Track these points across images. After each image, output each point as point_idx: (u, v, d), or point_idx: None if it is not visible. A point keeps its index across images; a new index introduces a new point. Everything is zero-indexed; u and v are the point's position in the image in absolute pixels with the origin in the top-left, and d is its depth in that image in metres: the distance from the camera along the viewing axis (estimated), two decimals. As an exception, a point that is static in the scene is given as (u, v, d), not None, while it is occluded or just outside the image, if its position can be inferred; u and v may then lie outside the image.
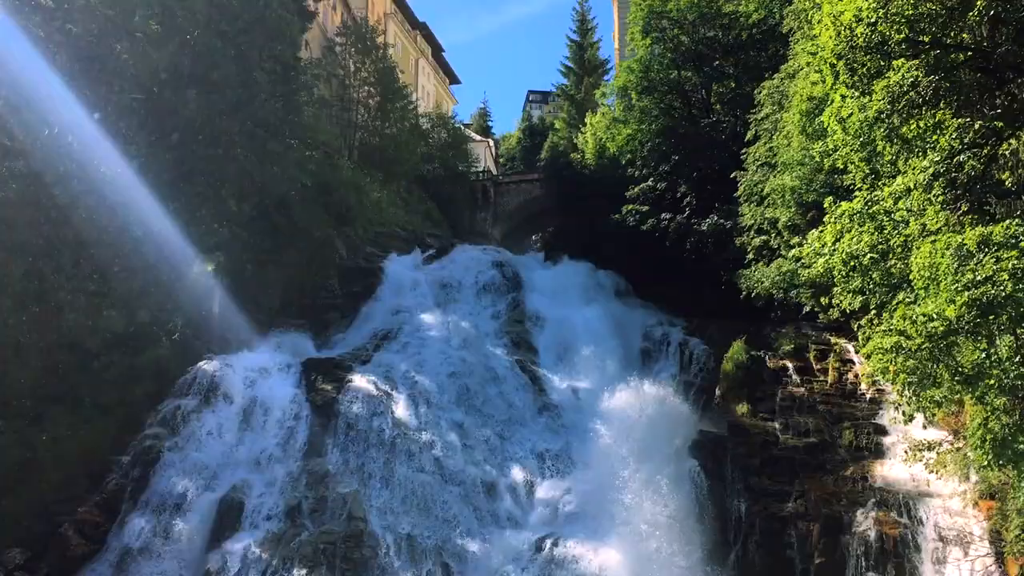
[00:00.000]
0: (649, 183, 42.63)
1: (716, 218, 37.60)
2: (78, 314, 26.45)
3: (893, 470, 24.25)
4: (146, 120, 30.31)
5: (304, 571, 22.48)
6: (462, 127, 74.34)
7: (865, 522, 22.92)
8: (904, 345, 15.96)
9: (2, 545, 23.23)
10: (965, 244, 15.41)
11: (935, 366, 15.85)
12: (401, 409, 28.52)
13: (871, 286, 19.55)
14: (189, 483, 24.99)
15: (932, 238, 16.59)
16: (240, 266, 33.28)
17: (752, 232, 33.88)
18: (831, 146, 20.60)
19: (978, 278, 14.98)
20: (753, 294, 31.82)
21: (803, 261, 24.37)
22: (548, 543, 24.44)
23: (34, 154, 25.70)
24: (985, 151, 16.90)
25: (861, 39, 16.57)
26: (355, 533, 23.80)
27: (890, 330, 16.44)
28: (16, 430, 24.91)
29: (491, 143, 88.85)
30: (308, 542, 23.43)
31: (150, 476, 25.15)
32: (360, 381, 29.21)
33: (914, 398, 16.63)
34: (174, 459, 25.53)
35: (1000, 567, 20.70)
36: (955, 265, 15.38)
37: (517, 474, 27.66)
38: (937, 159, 16.88)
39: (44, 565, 23.24)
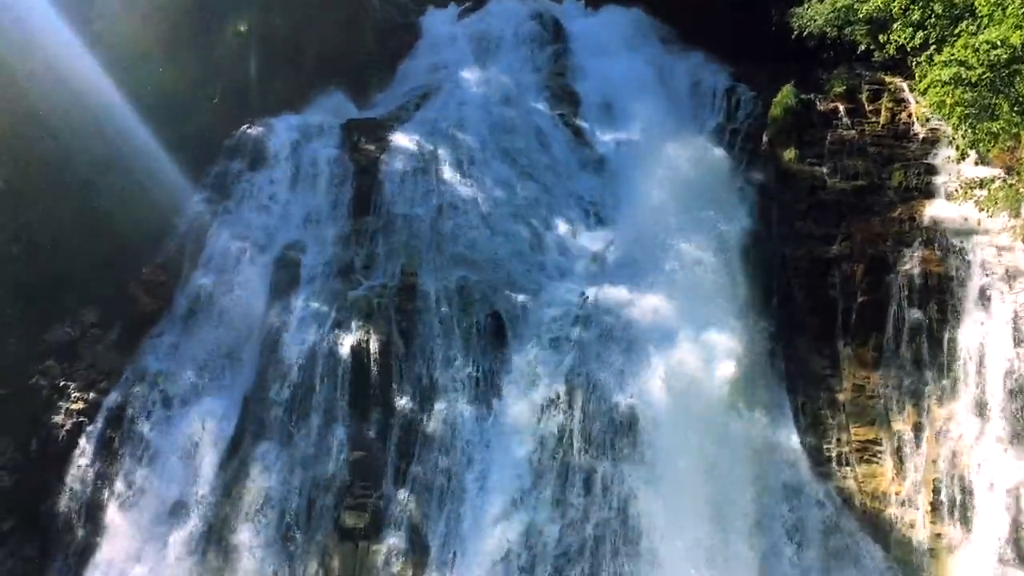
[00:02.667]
0: (696, -85, 39.67)
1: (768, -48, 35.19)
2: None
3: (942, 210, 23.93)
4: None
5: (361, 322, 23.64)
6: None
7: (911, 261, 23.06)
8: (963, 76, 15.36)
9: (76, 304, 24.69)
10: (1038, -37, 14.40)
11: (995, 96, 15.31)
12: (445, 166, 28.50)
13: (932, 18, 18.50)
14: (244, 244, 25.91)
15: (1002, -42, 15.49)
16: (273, 29, 32.40)
17: (806, -34, 31.79)
18: None
19: (1049, 0, 14.14)
20: (805, 33, 30.32)
21: (860, -6, 23.04)
22: (595, 291, 25.01)
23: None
24: None
25: None
26: (407, 286, 24.72)
27: (950, 61, 15.74)
28: (71, 196, 25.69)
29: None
30: (363, 296, 24.47)
31: (206, 239, 26.11)
32: (402, 140, 29.07)
33: (970, 131, 16.24)
34: (227, 221, 26.34)
35: (1045, 299, 20.98)
36: (1025, -14, 14.47)
37: (562, 226, 27.91)
38: None
39: (117, 322, 24.83)
